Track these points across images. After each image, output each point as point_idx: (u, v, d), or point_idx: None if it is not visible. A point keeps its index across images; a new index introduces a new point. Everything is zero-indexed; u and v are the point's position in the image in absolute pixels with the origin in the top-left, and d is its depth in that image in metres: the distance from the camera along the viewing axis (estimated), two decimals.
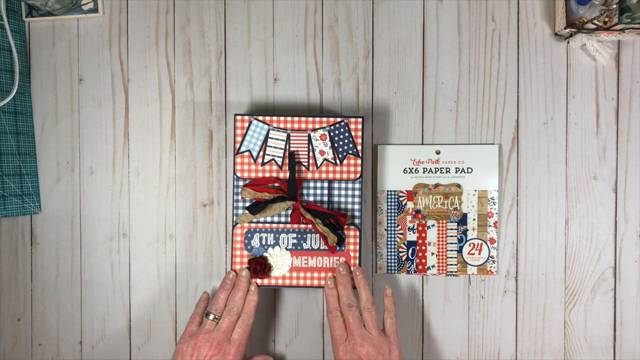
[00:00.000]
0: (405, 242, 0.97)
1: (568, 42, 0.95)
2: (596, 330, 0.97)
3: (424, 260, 0.97)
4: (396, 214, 0.97)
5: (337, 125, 0.91)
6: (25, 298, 0.99)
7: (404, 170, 0.96)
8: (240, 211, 0.92)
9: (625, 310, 0.96)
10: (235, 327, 0.88)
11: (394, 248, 0.97)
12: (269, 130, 0.91)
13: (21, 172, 0.96)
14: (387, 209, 0.97)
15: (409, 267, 0.97)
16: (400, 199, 0.97)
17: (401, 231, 0.97)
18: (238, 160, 0.91)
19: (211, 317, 0.88)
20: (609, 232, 0.96)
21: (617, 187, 0.96)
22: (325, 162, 0.91)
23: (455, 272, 0.97)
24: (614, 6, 0.87)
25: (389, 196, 0.97)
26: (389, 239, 0.97)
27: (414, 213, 0.97)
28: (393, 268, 0.97)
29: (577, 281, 0.96)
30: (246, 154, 0.91)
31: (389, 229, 0.97)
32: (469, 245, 0.96)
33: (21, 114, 0.96)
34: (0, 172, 0.93)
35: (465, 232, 0.96)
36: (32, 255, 0.99)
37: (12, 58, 0.95)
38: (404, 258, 0.97)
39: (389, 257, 0.97)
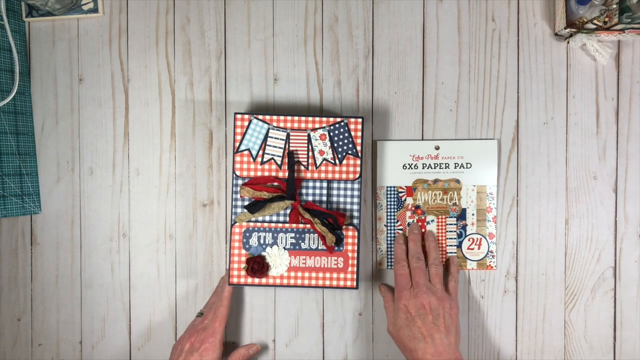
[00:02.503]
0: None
1: (568, 42, 0.95)
2: (596, 330, 0.96)
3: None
4: (396, 210, 0.97)
5: (337, 125, 0.91)
6: (25, 298, 0.99)
7: (404, 166, 0.96)
8: (239, 210, 0.92)
9: (625, 310, 0.96)
10: (211, 315, 0.93)
11: (394, 244, 0.97)
12: (268, 129, 0.91)
13: (21, 172, 0.96)
14: (387, 204, 0.97)
15: None
16: (400, 194, 0.97)
17: (401, 227, 0.97)
18: (237, 159, 0.91)
19: (202, 316, 0.93)
20: (609, 232, 0.96)
21: (617, 187, 0.96)
22: (324, 162, 0.91)
23: None
24: (614, 6, 0.87)
25: (389, 192, 0.97)
26: (389, 235, 0.97)
27: (413, 209, 0.97)
28: (393, 264, 0.97)
29: (577, 281, 0.96)
30: (245, 152, 0.91)
31: (389, 224, 0.97)
32: (469, 240, 0.97)
33: (21, 114, 0.96)
34: (0, 172, 0.93)
35: (464, 227, 0.96)
36: (32, 255, 0.99)
37: (12, 58, 0.95)
38: (395, 243, 0.97)
39: (389, 253, 0.97)
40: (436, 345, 0.83)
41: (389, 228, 0.97)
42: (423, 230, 0.96)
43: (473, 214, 0.96)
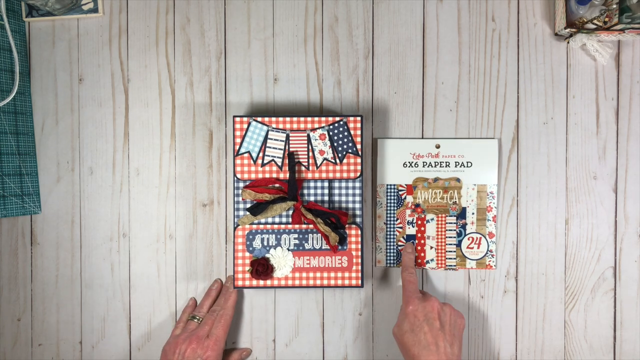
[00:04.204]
0: (405, 236, 0.97)
1: (568, 42, 0.95)
2: (596, 330, 0.97)
3: (422, 254, 0.97)
4: (395, 208, 0.97)
5: (336, 125, 0.91)
6: (25, 298, 0.99)
7: (404, 164, 0.96)
8: (241, 213, 0.92)
9: (625, 310, 0.96)
10: (214, 323, 0.92)
11: (393, 242, 0.97)
12: (267, 131, 0.91)
13: (21, 172, 0.95)
14: (387, 202, 0.97)
15: None
16: (400, 192, 0.97)
17: (400, 225, 0.97)
18: (238, 161, 0.91)
19: (195, 319, 0.93)
20: (609, 232, 0.96)
21: (617, 187, 0.96)
22: (325, 161, 0.91)
23: (454, 265, 0.97)
24: (614, 6, 0.87)
25: (389, 190, 0.97)
26: (388, 233, 0.97)
27: (413, 207, 0.97)
28: (392, 261, 0.97)
29: (577, 281, 0.96)
30: (246, 155, 0.91)
31: (388, 222, 0.97)
32: (468, 239, 0.97)
33: (21, 114, 0.96)
34: (0, 172, 0.93)
35: (464, 226, 0.97)
36: (32, 255, 0.99)
37: (12, 58, 0.95)
38: (403, 252, 0.97)
39: (388, 250, 0.97)
40: (440, 353, 0.82)
41: (388, 226, 0.97)
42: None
43: (473, 213, 0.96)
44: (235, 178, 0.91)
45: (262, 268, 0.90)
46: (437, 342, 0.83)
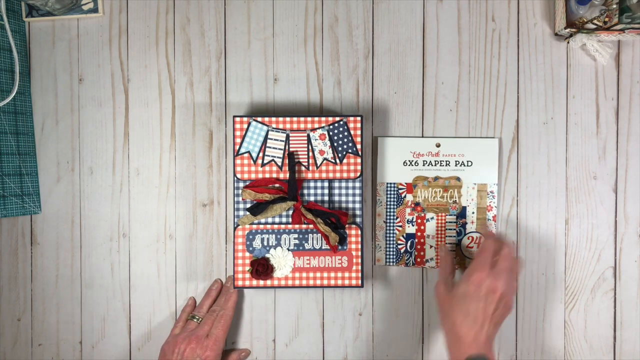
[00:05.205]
0: (404, 235, 0.97)
1: (568, 42, 0.95)
2: (596, 330, 0.97)
3: (422, 253, 0.97)
4: (395, 207, 0.97)
5: (336, 125, 0.91)
6: (25, 298, 0.99)
7: (404, 162, 0.96)
8: (241, 213, 0.92)
9: (625, 310, 0.96)
10: (214, 323, 0.92)
11: (393, 240, 0.97)
12: (268, 131, 0.91)
13: (21, 172, 0.95)
14: (387, 201, 0.97)
15: (407, 260, 0.97)
16: (400, 191, 0.97)
17: (400, 223, 0.97)
18: (238, 161, 0.91)
19: (195, 319, 0.93)
20: (609, 232, 0.96)
21: (617, 187, 0.96)
22: (325, 161, 0.91)
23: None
24: (614, 6, 0.87)
25: (389, 188, 0.97)
26: (388, 231, 0.97)
27: (413, 205, 0.97)
28: (391, 260, 0.97)
29: (577, 281, 0.96)
30: (246, 155, 0.91)
31: (388, 221, 0.97)
32: (468, 238, 0.97)
33: (21, 114, 0.96)
34: (0, 172, 0.93)
35: (464, 225, 0.97)
36: (32, 255, 0.99)
37: (12, 58, 0.95)
38: (402, 250, 0.97)
39: (388, 249, 0.97)
40: (482, 333, 0.81)
41: (388, 224, 0.97)
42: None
43: (473, 212, 0.96)
44: (235, 178, 0.91)
45: (262, 268, 0.90)
46: (484, 323, 0.81)
